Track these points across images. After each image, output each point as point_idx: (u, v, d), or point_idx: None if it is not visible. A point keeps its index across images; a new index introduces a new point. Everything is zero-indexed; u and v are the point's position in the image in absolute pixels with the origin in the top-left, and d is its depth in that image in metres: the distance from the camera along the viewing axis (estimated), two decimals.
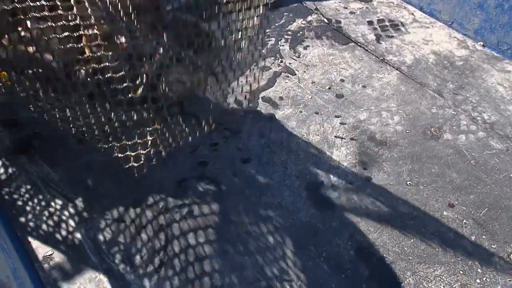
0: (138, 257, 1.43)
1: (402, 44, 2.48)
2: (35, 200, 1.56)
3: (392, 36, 2.54)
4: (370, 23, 2.64)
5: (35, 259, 1.39)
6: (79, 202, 1.57)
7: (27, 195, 1.57)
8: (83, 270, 1.38)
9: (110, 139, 1.63)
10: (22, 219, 1.50)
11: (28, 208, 1.53)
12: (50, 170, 1.65)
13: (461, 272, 1.45)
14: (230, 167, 1.75)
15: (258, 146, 1.83)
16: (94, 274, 1.38)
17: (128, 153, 1.59)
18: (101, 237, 1.47)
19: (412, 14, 2.73)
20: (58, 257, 1.41)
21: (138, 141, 1.61)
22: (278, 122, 1.96)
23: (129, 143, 1.60)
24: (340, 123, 1.97)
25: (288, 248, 1.49)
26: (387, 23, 2.65)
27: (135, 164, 1.59)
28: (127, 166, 1.58)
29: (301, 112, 2.02)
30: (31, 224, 1.49)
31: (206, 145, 1.80)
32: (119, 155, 1.59)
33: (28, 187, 1.61)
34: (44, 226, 1.49)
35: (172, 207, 1.59)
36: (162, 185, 1.64)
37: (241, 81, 1.90)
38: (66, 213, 1.53)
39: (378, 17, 2.70)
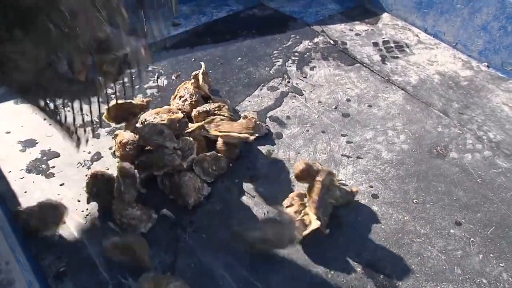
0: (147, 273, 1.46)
1: (407, 64, 2.53)
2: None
3: (397, 57, 2.59)
4: (375, 44, 2.70)
5: (48, 275, 1.43)
6: (91, 218, 1.61)
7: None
8: (95, 286, 1.41)
9: None
10: (36, 236, 1.54)
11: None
12: (64, 187, 1.70)
13: None
14: (238, 186, 1.78)
15: (265, 165, 1.86)
16: None
17: None
18: None
19: (417, 35, 2.79)
20: (70, 273, 1.44)
21: None
22: (285, 140, 2.00)
23: None
24: (346, 142, 2.00)
25: (295, 264, 1.50)
26: (392, 45, 2.70)
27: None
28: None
29: (308, 131, 2.06)
30: (44, 240, 1.53)
31: None
32: None
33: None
34: (57, 243, 1.53)
35: (181, 223, 1.62)
36: (171, 203, 1.67)
37: None
38: (78, 229, 1.57)
39: (383, 38, 2.76)
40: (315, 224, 1.52)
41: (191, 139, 1.76)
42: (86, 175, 1.64)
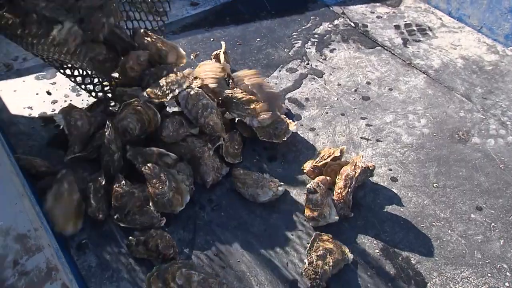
0: None
1: (430, 48, 2.47)
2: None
3: (419, 41, 2.54)
4: (397, 27, 2.65)
5: (71, 246, 1.46)
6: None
7: None
8: (116, 258, 1.44)
9: None
10: None
11: None
12: (85, 163, 1.72)
13: (489, 274, 1.43)
14: (257, 166, 1.78)
15: (284, 145, 1.85)
16: (126, 262, 1.43)
17: None
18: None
19: (440, 19, 2.72)
20: (92, 244, 1.47)
21: None
22: (304, 122, 1.99)
23: None
24: (366, 125, 1.98)
25: None
26: (414, 28, 2.64)
27: None
28: None
29: (327, 113, 2.04)
30: None
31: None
32: None
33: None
34: None
35: (199, 201, 1.63)
36: None
37: None
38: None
39: (405, 21, 2.70)
40: (334, 218, 1.53)
41: (222, 126, 1.73)
42: None
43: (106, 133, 1.56)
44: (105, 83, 1.87)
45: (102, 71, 1.76)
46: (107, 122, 1.58)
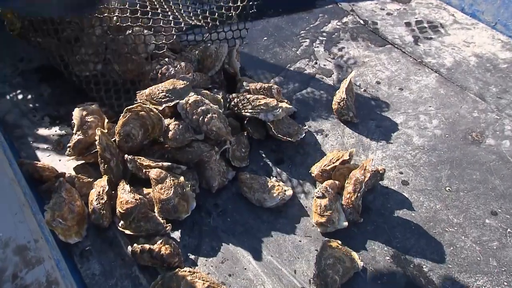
0: None
1: (442, 46, 2.40)
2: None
3: (431, 38, 2.47)
4: (407, 24, 2.58)
5: (74, 253, 1.43)
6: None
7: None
8: (120, 266, 1.41)
9: None
10: None
11: None
12: (90, 166, 1.70)
13: (505, 283, 1.38)
14: (264, 169, 1.75)
15: (291, 148, 1.81)
16: (130, 270, 1.40)
17: None
18: None
19: (453, 15, 2.64)
20: (95, 251, 1.44)
21: None
22: (312, 124, 1.94)
23: None
24: (375, 126, 1.93)
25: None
26: (425, 25, 2.58)
27: None
28: None
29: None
30: None
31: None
32: None
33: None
34: None
35: (205, 206, 1.60)
36: None
37: None
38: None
39: (416, 18, 2.63)
40: (343, 224, 1.49)
41: (227, 129, 1.68)
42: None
43: (97, 142, 1.53)
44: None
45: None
46: (97, 130, 1.56)
